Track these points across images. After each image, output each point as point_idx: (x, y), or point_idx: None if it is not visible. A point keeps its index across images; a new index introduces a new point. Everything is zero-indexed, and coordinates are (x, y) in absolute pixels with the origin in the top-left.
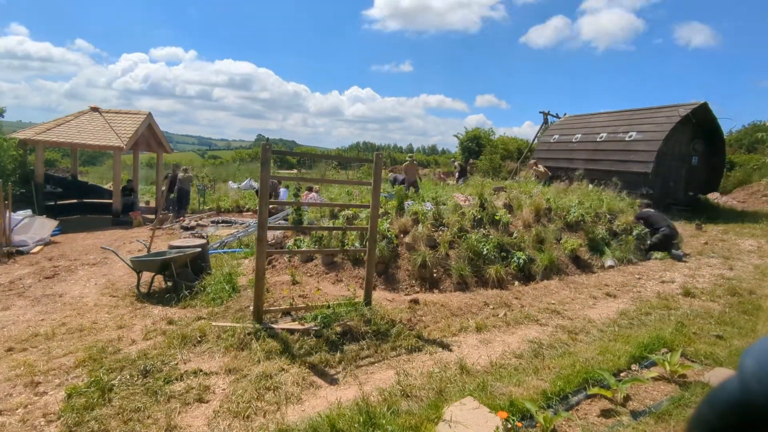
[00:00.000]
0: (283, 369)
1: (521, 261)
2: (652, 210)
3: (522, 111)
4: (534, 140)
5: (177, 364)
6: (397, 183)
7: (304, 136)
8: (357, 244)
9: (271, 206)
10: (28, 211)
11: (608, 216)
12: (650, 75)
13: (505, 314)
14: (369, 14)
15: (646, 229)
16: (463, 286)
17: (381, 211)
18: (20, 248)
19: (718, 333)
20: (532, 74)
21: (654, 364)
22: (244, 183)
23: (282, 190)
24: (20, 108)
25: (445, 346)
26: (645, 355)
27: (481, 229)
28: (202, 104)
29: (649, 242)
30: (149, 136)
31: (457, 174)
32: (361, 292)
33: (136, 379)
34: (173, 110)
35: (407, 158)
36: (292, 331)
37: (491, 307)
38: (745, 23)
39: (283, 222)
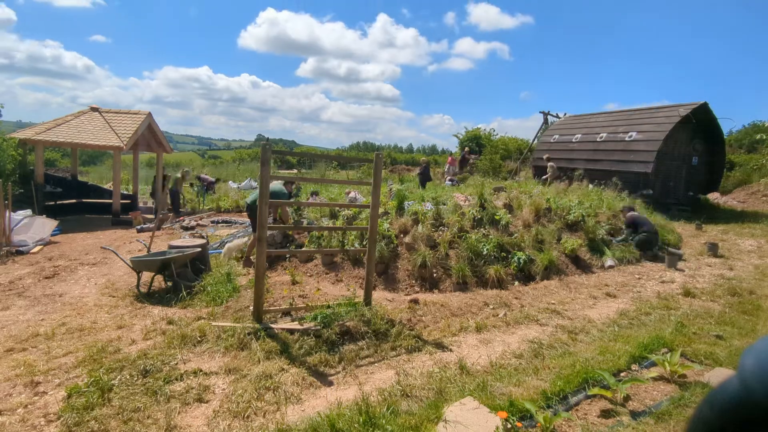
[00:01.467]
0: (282, 369)
1: (521, 261)
2: (636, 212)
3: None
4: (534, 140)
5: (177, 364)
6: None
7: (304, 136)
8: (357, 244)
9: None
10: (28, 211)
11: (609, 215)
12: None
13: (504, 314)
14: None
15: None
16: (462, 286)
17: (381, 210)
18: (20, 248)
19: (718, 333)
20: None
21: (654, 364)
22: (244, 183)
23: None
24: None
25: (445, 346)
26: (645, 355)
27: (481, 229)
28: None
29: (631, 240)
30: (149, 136)
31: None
32: (361, 292)
33: (135, 379)
34: (174, 115)
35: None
36: (292, 331)
37: (491, 307)
38: None
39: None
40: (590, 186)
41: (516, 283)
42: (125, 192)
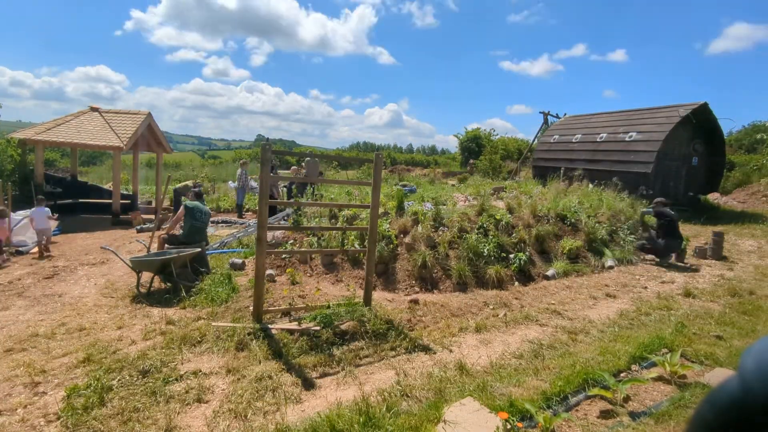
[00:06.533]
0: (282, 369)
1: (521, 261)
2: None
3: None
4: (534, 140)
5: (176, 364)
6: None
7: (304, 136)
8: (357, 245)
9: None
10: (28, 212)
11: (608, 215)
12: None
13: (504, 314)
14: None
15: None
16: (462, 286)
17: (381, 211)
18: (20, 248)
19: (718, 333)
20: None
21: (654, 364)
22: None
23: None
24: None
25: (445, 347)
26: (645, 355)
27: (481, 229)
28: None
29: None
30: (149, 136)
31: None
32: (360, 293)
33: (135, 379)
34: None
35: None
36: (291, 332)
37: (491, 307)
38: None
39: (283, 222)
40: (590, 186)
41: (516, 283)
42: (125, 192)
